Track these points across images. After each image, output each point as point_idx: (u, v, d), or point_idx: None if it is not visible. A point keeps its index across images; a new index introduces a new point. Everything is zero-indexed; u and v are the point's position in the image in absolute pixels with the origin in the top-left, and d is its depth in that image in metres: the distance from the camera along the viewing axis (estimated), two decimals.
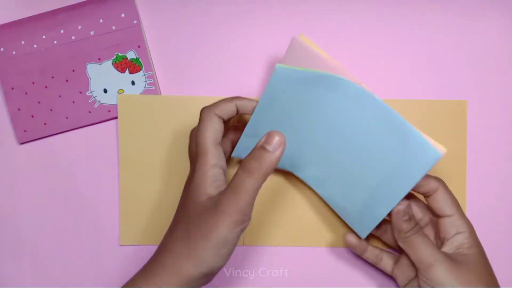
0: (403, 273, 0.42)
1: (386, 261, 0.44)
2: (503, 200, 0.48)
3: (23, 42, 0.47)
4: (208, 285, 0.47)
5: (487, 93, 0.48)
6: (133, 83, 0.47)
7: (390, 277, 0.44)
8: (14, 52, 0.47)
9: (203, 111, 0.40)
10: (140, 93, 0.47)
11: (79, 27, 0.47)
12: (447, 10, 0.48)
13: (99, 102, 0.47)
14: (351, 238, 0.44)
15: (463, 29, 0.48)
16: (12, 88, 0.47)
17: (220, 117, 0.40)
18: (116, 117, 0.47)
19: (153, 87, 0.47)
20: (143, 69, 0.47)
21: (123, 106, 0.47)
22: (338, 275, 0.47)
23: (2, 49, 0.47)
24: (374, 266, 0.45)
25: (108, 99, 0.47)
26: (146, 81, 0.47)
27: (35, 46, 0.47)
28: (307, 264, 0.47)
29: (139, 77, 0.47)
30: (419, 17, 0.48)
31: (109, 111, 0.47)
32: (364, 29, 0.48)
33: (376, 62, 0.48)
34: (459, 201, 0.46)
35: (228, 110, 0.40)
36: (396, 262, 0.44)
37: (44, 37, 0.47)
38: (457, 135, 0.47)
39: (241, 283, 0.47)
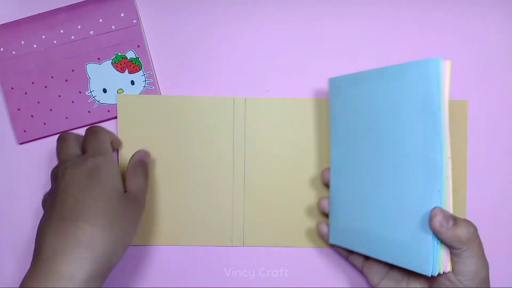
0: (373, 271, 0.42)
1: (357, 257, 0.44)
2: (504, 199, 0.48)
3: (23, 42, 0.47)
4: (208, 285, 0.47)
5: (488, 93, 0.48)
6: (132, 82, 0.47)
7: None
8: (14, 52, 0.47)
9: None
10: (140, 93, 0.47)
11: (79, 27, 0.47)
12: (447, 11, 0.48)
13: (98, 102, 0.47)
14: (324, 227, 0.44)
15: (463, 29, 0.48)
16: (12, 88, 0.47)
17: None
18: (116, 117, 0.47)
19: (153, 87, 0.47)
20: (142, 68, 0.47)
21: (123, 106, 0.47)
22: (338, 275, 0.47)
23: (2, 49, 0.47)
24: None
25: (107, 99, 0.47)
26: (145, 80, 0.47)
27: (34, 46, 0.47)
28: (307, 264, 0.47)
29: (138, 77, 0.47)
30: (420, 18, 0.48)
31: (108, 111, 0.47)
32: (364, 31, 0.48)
33: (377, 63, 0.48)
34: (460, 201, 0.46)
35: None
36: (367, 259, 0.43)
37: (43, 37, 0.47)
38: (458, 134, 0.47)
39: (241, 283, 0.47)
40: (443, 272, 0.35)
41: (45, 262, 0.33)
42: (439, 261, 0.34)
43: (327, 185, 0.45)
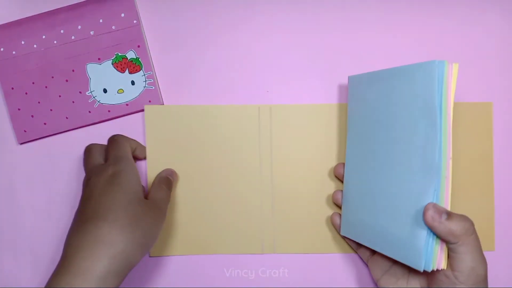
0: (377, 265, 0.43)
1: (365, 250, 0.45)
2: None
3: (23, 42, 0.47)
4: (208, 285, 0.47)
5: None
6: (133, 83, 0.47)
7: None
8: (14, 52, 0.47)
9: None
10: (140, 93, 0.47)
11: (79, 27, 0.47)
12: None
13: (99, 102, 0.47)
14: (337, 219, 0.45)
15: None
16: (12, 88, 0.47)
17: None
18: (116, 117, 0.47)
19: (153, 87, 0.47)
20: (143, 69, 0.47)
21: (150, 117, 0.46)
22: (337, 275, 0.47)
23: (2, 49, 0.47)
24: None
25: (108, 99, 0.47)
26: (146, 81, 0.47)
27: (35, 46, 0.47)
28: (307, 264, 0.47)
29: (139, 77, 0.47)
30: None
31: (109, 111, 0.47)
32: (364, 33, 0.48)
33: (376, 64, 0.48)
34: (487, 203, 0.46)
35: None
36: (373, 253, 0.45)
37: (44, 37, 0.47)
38: (483, 137, 0.47)
39: (241, 283, 0.47)
40: (437, 269, 0.36)
41: (67, 258, 0.35)
42: (433, 258, 0.35)
43: (339, 179, 0.46)
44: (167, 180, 0.44)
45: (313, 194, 0.47)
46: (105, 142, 0.48)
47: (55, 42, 0.47)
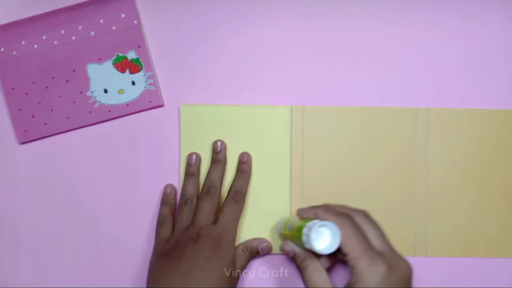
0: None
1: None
2: None
3: (23, 42, 0.47)
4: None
5: None
6: (133, 83, 0.47)
7: None
8: (14, 52, 0.47)
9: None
10: (140, 93, 0.47)
11: (80, 27, 0.47)
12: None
13: (99, 102, 0.48)
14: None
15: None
16: (13, 88, 0.47)
17: None
18: (116, 117, 0.48)
19: (154, 87, 0.48)
20: (143, 69, 0.47)
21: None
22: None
23: (2, 49, 0.47)
24: None
25: (108, 99, 0.47)
26: (146, 81, 0.47)
27: (35, 46, 0.47)
28: None
29: (139, 77, 0.47)
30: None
31: (109, 111, 0.48)
32: (363, 32, 0.48)
33: (376, 63, 0.48)
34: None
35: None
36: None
37: (44, 37, 0.47)
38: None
39: (241, 283, 0.47)
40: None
41: None
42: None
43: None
44: (252, 249, 0.45)
45: (347, 194, 0.47)
46: (105, 142, 0.48)
47: (55, 42, 0.47)
